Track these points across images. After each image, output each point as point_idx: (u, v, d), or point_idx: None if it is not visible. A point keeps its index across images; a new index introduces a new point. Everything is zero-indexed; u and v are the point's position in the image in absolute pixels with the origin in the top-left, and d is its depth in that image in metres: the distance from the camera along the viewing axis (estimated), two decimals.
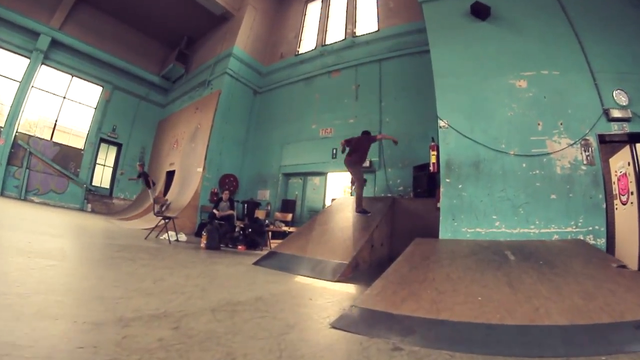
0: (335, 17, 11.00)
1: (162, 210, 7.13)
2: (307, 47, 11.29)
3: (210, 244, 6.07)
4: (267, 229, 7.39)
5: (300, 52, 11.33)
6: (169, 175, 12.15)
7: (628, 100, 4.63)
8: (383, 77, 8.83)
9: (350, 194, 7.31)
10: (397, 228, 6.02)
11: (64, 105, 12.61)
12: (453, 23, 5.80)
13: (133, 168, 12.83)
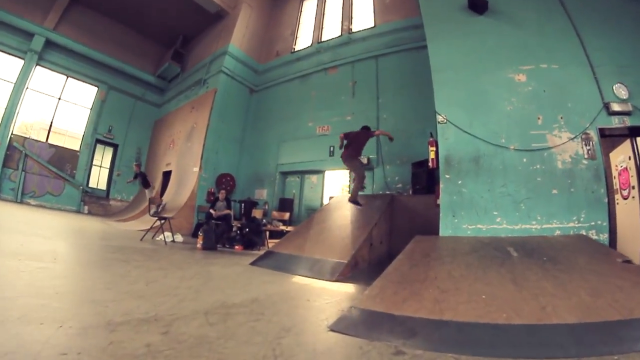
0: (331, 13, 10.90)
1: (158, 211, 7.03)
2: (303, 44, 11.18)
3: (207, 245, 5.98)
4: (264, 229, 7.30)
5: (296, 49, 11.21)
6: (166, 176, 12.05)
7: (628, 94, 4.57)
8: (380, 73, 8.73)
9: (348, 192, 7.24)
10: (396, 225, 5.96)
11: (59, 107, 12.49)
12: (450, 17, 5.71)
13: (130, 169, 12.73)
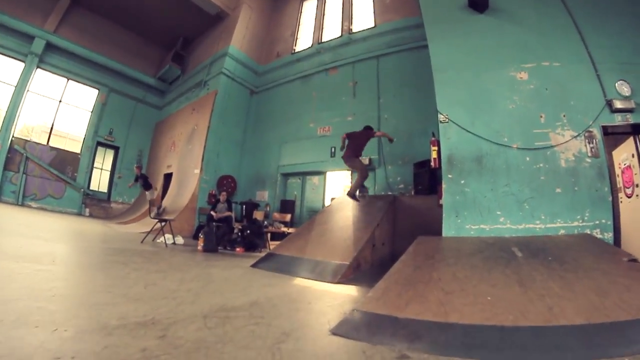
0: (331, 14, 10.89)
1: (159, 213, 6.99)
2: (303, 45, 11.17)
3: (208, 247, 5.94)
4: (265, 230, 7.26)
5: (297, 50, 11.21)
6: (167, 178, 12.03)
7: (631, 91, 4.51)
8: (381, 73, 8.70)
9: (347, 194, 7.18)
10: (398, 226, 5.91)
11: (60, 109, 12.49)
12: (450, 16, 5.67)
13: (131, 171, 12.69)
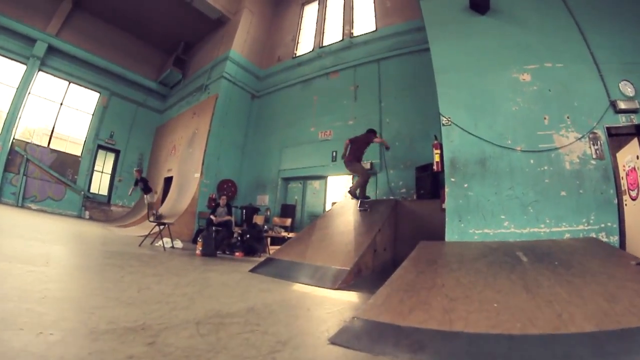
0: (333, 18, 10.87)
1: (158, 216, 6.92)
2: (304, 49, 11.16)
3: (206, 251, 5.85)
4: (265, 235, 7.17)
5: (298, 54, 11.19)
6: (167, 182, 11.98)
7: (634, 91, 4.45)
8: (382, 77, 8.65)
9: (348, 191, 7.11)
10: (400, 231, 5.80)
11: (61, 112, 12.52)
12: (452, 18, 5.63)
13: (131, 175, 12.64)
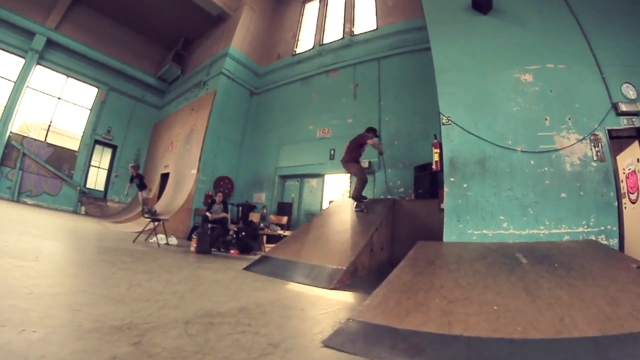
0: (333, 16, 10.79)
1: (152, 212, 6.83)
2: (304, 46, 11.07)
3: (201, 248, 5.77)
4: (261, 233, 7.09)
5: (298, 52, 11.10)
6: (164, 178, 11.89)
7: (636, 94, 4.42)
8: (382, 75, 8.58)
9: (349, 196, 7.06)
10: (397, 231, 5.74)
11: (59, 106, 12.40)
12: (454, 18, 5.56)
13: (127, 170, 12.55)
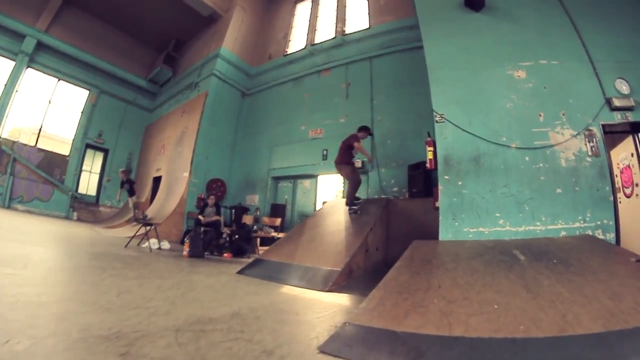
0: (325, 16, 10.75)
1: (144, 217, 6.71)
2: (296, 47, 10.99)
3: (194, 252, 5.67)
4: (255, 235, 7.00)
5: (289, 52, 11.03)
6: (156, 181, 11.74)
7: (630, 89, 4.41)
8: (374, 74, 8.54)
9: (343, 197, 7.01)
10: (392, 231, 5.70)
11: (49, 110, 12.17)
12: (446, 15, 5.55)
13: (119, 175, 12.39)
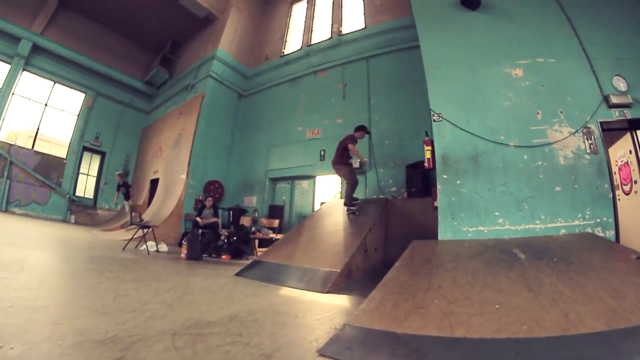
0: (321, 16, 10.74)
1: (140, 221, 6.66)
2: (292, 47, 10.98)
3: (191, 254, 5.62)
4: (253, 237, 6.97)
5: (286, 53, 11.01)
6: (153, 184, 11.67)
7: (627, 86, 4.41)
8: (371, 74, 8.53)
9: (341, 197, 6.99)
10: (391, 231, 5.68)
11: (46, 113, 12.10)
12: (442, 14, 5.54)
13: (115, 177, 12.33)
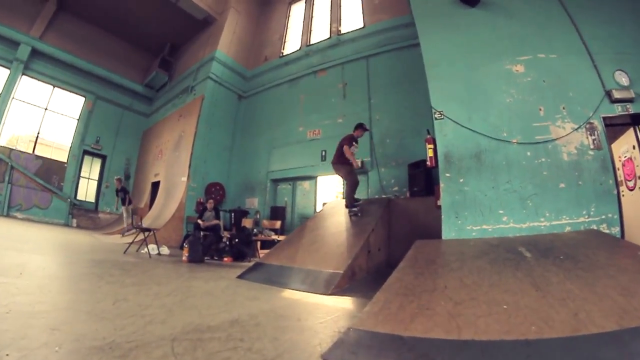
0: (320, 16, 10.71)
1: (138, 226, 6.62)
2: (291, 48, 10.95)
3: (193, 257, 5.57)
4: (255, 239, 6.92)
5: (285, 53, 10.98)
6: (154, 187, 11.66)
7: (629, 81, 4.37)
8: (371, 73, 8.49)
9: (343, 197, 6.94)
10: (394, 231, 5.63)
11: (46, 117, 12.09)
12: (442, 11, 5.50)
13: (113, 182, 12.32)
